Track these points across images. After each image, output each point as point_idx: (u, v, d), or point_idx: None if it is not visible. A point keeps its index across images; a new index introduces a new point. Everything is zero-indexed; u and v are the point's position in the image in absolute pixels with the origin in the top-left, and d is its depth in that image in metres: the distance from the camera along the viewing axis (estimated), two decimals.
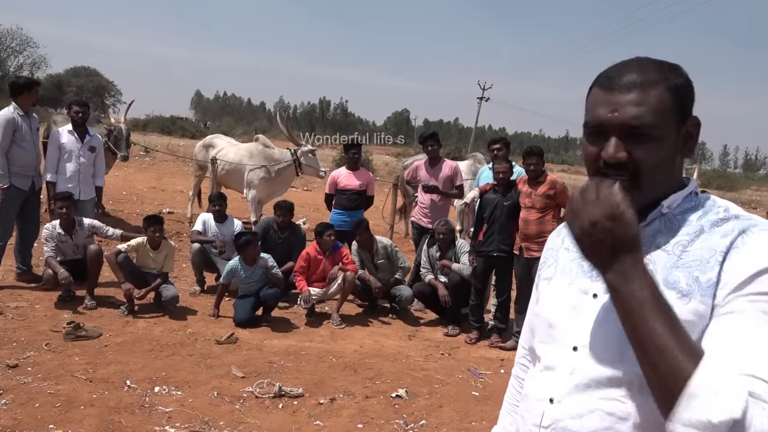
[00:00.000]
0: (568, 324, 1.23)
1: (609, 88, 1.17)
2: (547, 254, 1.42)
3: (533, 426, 1.25)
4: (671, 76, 1.16)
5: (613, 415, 1.13)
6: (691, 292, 1.09)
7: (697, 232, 1.15)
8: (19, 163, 6.03)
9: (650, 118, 1.13)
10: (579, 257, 1.27)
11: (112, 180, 12.76)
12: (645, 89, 1.14)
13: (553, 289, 1.31)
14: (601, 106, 1.17)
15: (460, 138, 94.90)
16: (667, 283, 1.12)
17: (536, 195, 5.54)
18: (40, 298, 5.86)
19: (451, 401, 4.42)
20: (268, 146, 9.24)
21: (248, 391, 4.23)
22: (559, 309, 1.27)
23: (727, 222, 1.14)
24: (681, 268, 1.12)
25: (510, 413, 1.51)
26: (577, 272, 1.27)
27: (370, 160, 22.93)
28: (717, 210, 1.18)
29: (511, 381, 1.55)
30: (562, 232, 1.42)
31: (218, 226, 6.87)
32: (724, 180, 47.11)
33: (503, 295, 5.93)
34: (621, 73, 1.17)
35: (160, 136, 36.69)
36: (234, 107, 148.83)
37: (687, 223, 1.18)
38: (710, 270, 1.09)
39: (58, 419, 3.58)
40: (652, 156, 1.14)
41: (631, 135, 1.14)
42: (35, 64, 52.65)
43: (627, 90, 1.15)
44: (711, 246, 1.12)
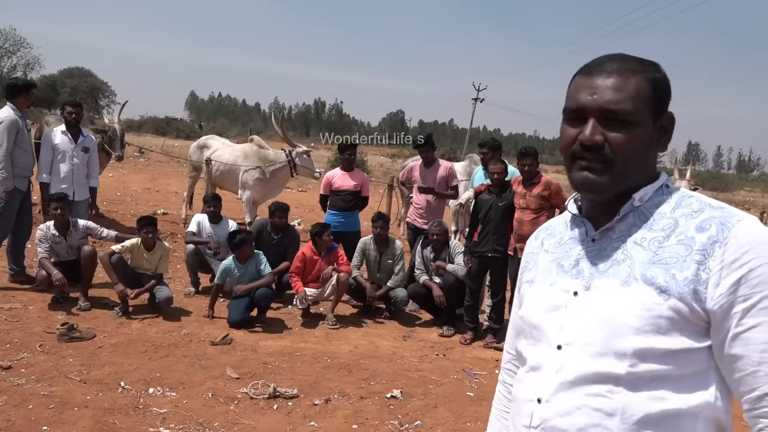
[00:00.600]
0: (551, 324, 1.25)
1: (590, 74, 1.21)
2: (527, 258, 1.43)
3: (523, 427, 1.25)
4: (650, 69, 1.20)
5: (600, 411, 1.13)
6: (669, 289, 1.11)
7: (672, 226, 1.17)
8: (20, 165, 6.03)
9: (628, 104, 1.16)
10: (559, 257, 1.30)
11: (106, 181, 12.73)
12: (625, 76, 1.18)
13: (535, 292, 1.33)
14: (581, 91, 1.20)
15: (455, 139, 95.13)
16: (645, 279, 1.13)
17: (531, 196, 5.55)
18: (34, 299, 5.83)
19: (446, 402, 4.42)
20: (262, 147, 9.23)
21: (243, 392, 4.22)
22: (543, 310, 1.28)
23: (701, 213, 1.16)
24: (658, 264, 1.14)
25: (498, 419, 1.50)
26: (557, 272, 1.28)
27: (365, 161, 22.93)
28: (689, 201, 1.20)
29: (498, 387, 1.54)
30: (540, 235, 1.44)
31: (213, 227, 6.86)
32: (717, 181, 47.33)
33: (498, 296, 5.94)
34: (602, 63, 1.21)
35: (154, 137, 36.66)
36: (229, 108, 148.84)
37: (660, 216, 1.19)
38: (687, 268, 1.11)
39: (51, 421, 3.56)
40: (628, 142, 1.17)
41: (609, 120, 1.17)
42: (29, 65, 52.55)
43: (607, 75, 1.18)
44: (687, 242, 1.13)
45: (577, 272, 1.24)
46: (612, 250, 1.21)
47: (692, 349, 1.11)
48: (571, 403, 1.17)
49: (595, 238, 1.25)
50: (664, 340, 1.10)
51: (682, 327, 1.11)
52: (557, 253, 1.32)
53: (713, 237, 1.11)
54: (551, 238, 1.37)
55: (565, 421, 1.17)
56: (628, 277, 1.15)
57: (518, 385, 1.32)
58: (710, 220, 1.13)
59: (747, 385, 1.09)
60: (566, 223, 1.35)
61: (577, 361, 1.17)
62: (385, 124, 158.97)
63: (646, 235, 1.18)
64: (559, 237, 1.35)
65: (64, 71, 69.11)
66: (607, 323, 1.15)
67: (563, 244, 1.32)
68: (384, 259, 6.63)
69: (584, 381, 1.16)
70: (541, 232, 1.44)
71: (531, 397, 1.24)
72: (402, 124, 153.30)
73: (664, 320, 1.10)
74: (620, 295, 1.15)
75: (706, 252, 1.10)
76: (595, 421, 1.14)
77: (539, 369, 1.24)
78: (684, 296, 1.10)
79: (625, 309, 1.13)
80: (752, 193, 49.21)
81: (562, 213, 1.45)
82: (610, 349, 1.14)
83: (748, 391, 1.09)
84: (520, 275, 1.44)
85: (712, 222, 1.13)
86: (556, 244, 1.34)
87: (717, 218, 1.13)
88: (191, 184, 10.11)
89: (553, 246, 1.35)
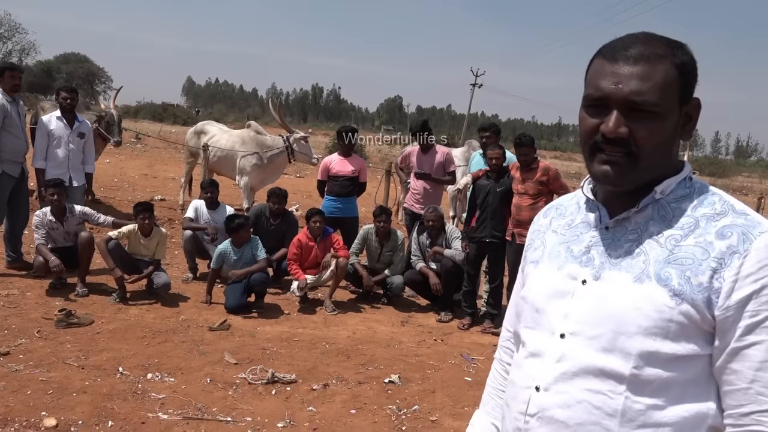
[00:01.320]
0: (555, 310, 1.21)
1: (614, 59, 1.12)
2: (533, 236, 1.38)
3: (519, 413, 1.23)
4: (678, 53, 1.12)
5: (601, 410, 1.11)
6: (683, 293, 1.07)
7: (692, 227, 1.12)
8: (8, 150, 5.98)
9: (655, 95, 1.09)
10: (568, 241, 1.25)
11: (103, 167, 12.70)
12: (652, 63, 1.10)
13: (541, 274, 1.28)
14: (604, 78, 1.12)
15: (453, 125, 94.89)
16: (659, 279, 1.09)
17: (529, 181, 5.53)
18: (31, 285, 5.83)
19: (444, 386, 4.44)
20: (260, 133, 9.18)
21: (241, 377, 4.23)
22: (547, 294, 1.24)
23: (724, 216, 1.11)
24: (673, 264, 1.10)
25: (493, 397, 1.48)
26: (566, 257, 1.24)
27: (362, 147, 22.86)
28: (712, 200, 1.14)
29: (494, 365, 1.51)
30: (549, 213, 1.38)
31: (210, 213, 6.84)
32: (715, 167, 47.31)
33: (496, 281, 5.94)
34: (627, 46, 1.13)
35: (151, 123, 36.51)
36: (226, 94, 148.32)
37: (681, 213, 1.14)
38: (702, 273, 1.07)
39: (50, 406, 3.57)
40: (654, 134, 1.11)
41: (634, 110, 1.10)
42: (24, 51, 52.05)
43: (633, 62, 1.10)
44: (705, 246, 1.09)
45: (587, 260, 1.19)
46: (626, 242, 1.16)
47: (699, 355, 1.09)
48: (572, 396, 1.14)
49: (609, 226, 1.20)
50: (672, 345, 1.08)
51: (691, 333, 1.08)
52: (567, 236, 1.27)
53: (733, 247, 1.06)
54: (561, 218, 1.32)
55: (564, 414, 1.15)
56: (642, 274, 1.11)
57: (516, 370, 1.29)
58: (732, 227, 1.09)
59: (735, 399, 1.07)
60: (579, 204, 1.30)
61: (581, 353, 1.14)
62: (382, 109, 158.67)
63: (663, 231, 1.14)
64: (570, 219, 1.30)
65: (60, 57, 68.75)
66: (616, 319, 1.11)
67: (574, 227, 1.27)
68: (384, 251, 6.63)
69: (587, 374, 1.13)
70: (550, 210, 1.38)
71: (529, 383, 1.21)
72: (400, 110, 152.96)
73: (675, 324, 1.07)
74: (632, 291, 1.11)
75: (723, 261, 1.06)
76: (595, 420, 1.12)
77: (539, 356, 1.21)
78: (697, 303, 1.07)
79: (635, 307, 1.10)
80: (750, 178, 49.29)
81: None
82: (615, 346, 1.11)
83: (735, 405, 1.07)
84: (525, 253, 1.39)
85: (734, 230, 1.08)
86: (566, 226, 1.29)
87: (739, 226, 1.08)
88: (188, 170, 10.07)
89: (563, 227, 1.29)
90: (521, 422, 1.22)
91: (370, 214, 9.79)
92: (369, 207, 10.05)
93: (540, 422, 1.18)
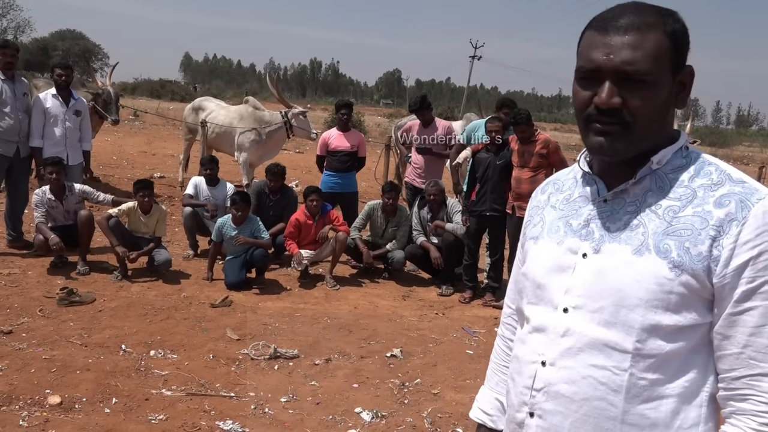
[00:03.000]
0: (557, 284, 1.21)
1: (604, 30, 1.12)
2: (532, 212, 1.38)
3: (525, 388, 1.24)
4: (669, 21, 1.12)
5: (606, 386, 1.12)
6: (683, 264, 1.08)
7: (690, 197, 1.12)
8: (1, 128, 5.93)
9: (647, 63, 1.09)
10: (567, 215, 1.25)
11: (101, 145, 12.66)
12: (642, 32, 1.09)
13: (541, 249, 1.28)
14: (595, 49, 1.12)
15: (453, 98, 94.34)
16: (658, 251, 1.10)
17: (529, 154, 5.50)
18: (32, 264, 5.83)
19: (446, 360, 4.46)
20: (258, 108, 9.12)
21: (244, 353, 4.25)
22: (548, 269, 1.24)
23: (721, 186, 1.11)
24: (672, 235, 1.10)
25: (496, 373, 1.49)
26: (566, 231, 1.24)
27: (362, 121, 22.75)
28: (708, 170, 1.15)
29: (497, 341, 1.52)
30: (547, 189, 1.38)
31: (210, 190, 6.82)
32: (716, 136, 47.04)
33: (496, 255, 5.94)
34: (617, 16, 1.12)
35: (149, 100, 36.32)
36: (223, 69, 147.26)
37: (678, 183, 1.15)
38: (701, 243, 1.08)
39: (54, 384, 3.59)
40: (648, 103, 1.10)
41: (626, 80, 1.10)
42: (19, 28, 51.64)
43: (624, 32, 1.10)
44: (703, 215, 1.09)
45: (586, 233, 1.20)
46: (625, 214, 1.16)
47: (700, 324, 1.10)
48: (577, 372, 1.15)
49: (607, 199, 1.20)
50: (673, 316, 1.09)
51: (692, 302, 1.09)
52: (565, 211, 1.27)
53: (731, 214, 1.07)
54: (559, 193, 1.32)
55: (570, 389, 1.16)
56: (641, 246, 1.11)
57: (520, 345, 1.30)
58: (730, 195, 1.09)
59: (727, 364, 1.09)
60: (576, 179, 1.30)
61: (585, 327, 1.15)
62: (381, 83, 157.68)
63: (661, 203, 1.14)
64: (568, 193, 1.29)
65: (55, 34, 68.21)
66: (616, 292, 1.12)
67: (572, 201, 1.27)
68: (389, 227, 6.61)
69: (591, 350, 1.14)
70: (548, 185, 1.38)
71: (534, 358, 1.22)
72: (398, 83, 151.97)
73: (675, 296, 1.08)
74: (632, 264, 1.11)
75: (721, 229, 1.07)
76: (600, 395, 1.13)
77: (543, 331, 1.21)
78: (697, 272, 1.07)
79: (635, 280, 1.10)
80: (750, 148, 49.11)
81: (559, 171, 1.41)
82: (618, 319, 1.11)
83: (727, 370, 1.09)
84: (524, 230, 1.39)
85: (731, 198, 1.08)
86: (564, 201, 1.29)
87: (737, 194, 1.09)
88: (187, 146, 10.02)
89: (561, 202, 1.29)
90: (527, 397, 1.23)
91: (369, 189, 9.79)
92: (369, 182, 10.05)
93: (546, 397, 1.19)
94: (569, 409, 1.16)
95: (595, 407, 1.13)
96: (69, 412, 3.32)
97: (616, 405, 1.11)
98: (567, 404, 1.16)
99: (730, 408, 1.09)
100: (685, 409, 1.11)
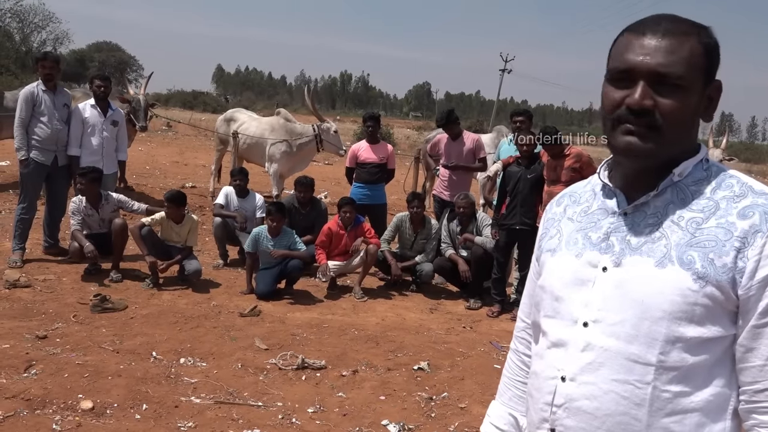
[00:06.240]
0: (576, 298, 1.20)
1: (642, 33, 1.13)
2: (547, 225, 1.37)
3: (545, 405, 1.22)
4: (703, 33, 1.14)
5: (629, 400, 1.11)
6: (707, 275, 1.07)
7: (713, 209, 1.11)
8: (37, 136, 6.08)
9: (681, 68, 1.10)
10: (585, 228, 1.24)
11: (135, 154, 12.88)
12: (679, 38, 1.11)
13: (558, 262, 1.26)
14: (631, 51, 1.13)
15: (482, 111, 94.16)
16: (682, 263, 1.09)
17: (561, 168, 5.46)
18: (67, 271, 5.95)
19: (473, 374, 4.43)
20: (289, 120, 9.21)
21: (272, 362, 4.27)
22: (566, 282, 1.22)
23: (744, 198, 1.11)
24: (695, 247, 1.09)
25: (509, 387, 1.47)
26: (584, 244, 1.22)
27: (391, 134, 22.82)
28: (730, 182, 1.14)
29: (510, 355, 1.50)
30: (562, 201, 1.36)
31: (240, 201, 6.89)
32: (751, 152, 46.07)
33: (525, 269, 5.89)
34: (655, 22, 1.14)
35: (182, 111, 36.93)
36: (255, 81, 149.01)
37: (700, 195, 1.14)
38: (726, 254, 1.07)
39: (86, 389, 3.65)
40: (678, 108, 1.11)
41: (660, 83, 1.10)
42: (58, 40, 52.84)
43: (661, 36, 1.11)
44: (727, 226, 1.08)
45: (606, 246, 1.18)
46: (646, 227, 1.15)
47: (724, 336, 1.09)
48: (599, 387, 1.13)
49: (627, 212, 1.19)
50: (697, 328, 1.07)
51: (716, 314, 1.08)
52: (583, 223, 1.25)
53: (756, 226, 1.06)
54: (576, 205, 1.31)
55: (591, 405, 1.14)
56: (664, 258, 1.10)
57: (538, 360, 1.27)
58: (753, 207, 1.08)
59: (750, 376, 1.08)
60: (594, 191, 1.29)
61: (606, 341, 1.13)
62: (411, 96, 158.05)
63: (683, 215, 1.13)
64: (586, 205, 1.28)
65: (92, 45, 69.71)
66: (639, 305, 1.10)
67: (590, 214, 1.25)
68: (418, 239, 6.60)
69: (613, 364, 1.12)
70: (563, 198, 1.37)
71: (554, 374, 1.20)
72: (428, 96, 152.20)
73: (700, 308, 1.07)
74: (654, 276, 1.10)
75: (746, 240, 1.06)
76: (623, 410, 1.11)
77: (563, 346, 1.19)
78: (722, 284, 1.06)
79: (659, 292, 1.09)
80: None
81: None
82: (640, 332, 1.10)
83: (749, 382, 1.08)
84: (539, 242, 1.38)
85: (755, 210, 1.08)
86: (582, 213, 1.27)
87: (761, 206, 1.08)
88: (218, 157, 10.16)
89: (579, 215, 1.28)
90: (547, 413, 1.21)
91: (399, 201, 9.79)
92: (398, 195, 10.06)
93: (567, 413, 1.17)
94: (592, 425, 1.14)
95: (619, 422, 1.11)
96: (101, 417, 3.37)
97: (640, 419, 1.10)
98: (589, 420, 1.14)
99: (753, 421, 1.08)
100: (710, 423, 1.09)
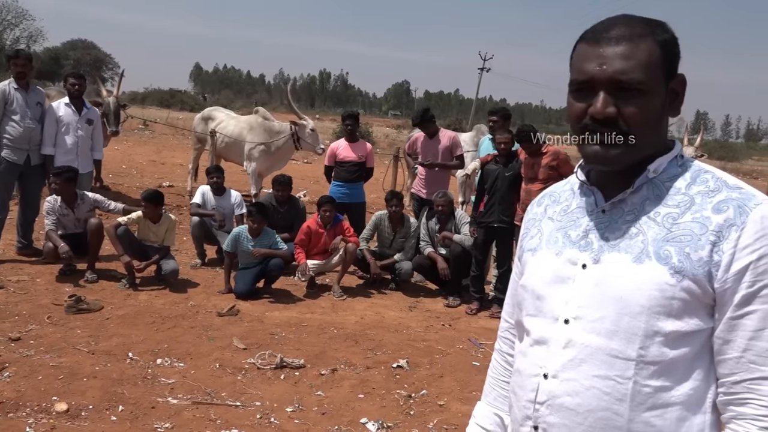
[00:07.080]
0: (557, 296, 1.21)
1: (596, 41, 1.14)
2: (528, 225, 1.38)
3: (527, 402, 1.23)
4: (658, 31, 1.14)
5: (610, 395, 1.12)
6: (684, 269, 1.08)
7: (688, 204, 1.13)
8: (9, 135, 5.99)
9: (640, 72, 1.11)
10: (565, 226, 1.26)
11: (111, 154, 12.74)
12: (634, 42, 1.12)
13: (540, 261, 1.28)
14: (588, 61, 1.14)
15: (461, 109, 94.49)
16: (659, 258, 1.10)
17: (539, 166, 5.50)
18: (41, 271, 5.87)
19: (452, 371, 4.45)
20: (267, 119, 9.16)
21: (250, 362, 4.25)
22: (547, 281, 1.24)
23: (718, 193, 1.12)
24: (672, 242, 1.11)
25: (494, 387, 1.48)
26: (564, 242, 1.24)
27: (370, 132, 22.82)
28: (705, 177, 1.16)
29: (495, 355, 1.51)
30: (543, 201, 1.38)
31: (217, 199, 6.85)
32: (725, 150, 46.74)
33: (504, 266, 5.93)
34: (608, 28, 1.15)
35: (159, 109, 36.57)
36: (233, 80, 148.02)
37: (675, 191, 1.16)
38: (701, 248, 1.08)
39: (61, 391, 3.60)
40: (642, 111, 1.12)
41: (620, 90, 1.12)
42: (32, 37, 51.97)
43: (615, 43, 1.12)
44: (702, 221, 1.10)
45: (585, 244, 1.20)
46: (623, 223, 1.17)
47: (702, 329, 1.10)
48: (581, 383, 1.14)
49: (605, 210, 1.20)
50: (676, 322, 1.09)
51: (694, 308, 1.09)
52: (563, 222, 1.27)
53: (730, 219, 1.08)
54: (556, 205, 1.32)
55: (573, 401, 1.15)
56: (641, 254, 1.12)
57: (521, 358, 1.29)
58: (727, 201, 1.10)
59: (728, 368, 1.09)
60: (573, 190, 1.30)
61: (586, 338, 1.14)
62: (390, 94, 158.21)
63: (660, 210, 1.15)
64: (565, 204, 1.30)
65: (67, 43, 68.80)
66: (618, 300, 1.12)
67: (569, 213, 1.27)
68: (397, 237, 6.61)
69: (594, 359, 1.13)
70: (544, 198, 1.38)
71: (536, 371, 1.21)
72: (407, 94, 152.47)
73: (677, 302, 1.08)
74: (632, 272, 1.12)
75: (721, 234, 1.07)
76: (605, 405, 1.12)
77: (545, 343, 1.21)
78: (698, 278, 1.08)
79: (636, 288, 1.10)
80: (760, 162, 48.80)
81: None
82: (620, 327, 1.11)
83: (727, 374, 1.09)
84: (521, 242, 1.39)
85: (729, 204, 1.09)
86: (561, 212, 1.29)
87: (735, 200, 1.10)
88: (196, 156, 10.08)
89: (558, 214, 1.30)
90: (530, 410, 1.22)
91: (377, 200, 9.80)
92: (377, 193, 10.06)
93: (550, 410, 1.18)
94: (574, 422, 1.15)
95: (600, 418, 1.13)
96: (75, 420, 3.32)
97: (622, 414, 1.11)
98: (572, 416, 1.15)
99: (730, 413, 1.09)
100: (691, 416, 1.11)
